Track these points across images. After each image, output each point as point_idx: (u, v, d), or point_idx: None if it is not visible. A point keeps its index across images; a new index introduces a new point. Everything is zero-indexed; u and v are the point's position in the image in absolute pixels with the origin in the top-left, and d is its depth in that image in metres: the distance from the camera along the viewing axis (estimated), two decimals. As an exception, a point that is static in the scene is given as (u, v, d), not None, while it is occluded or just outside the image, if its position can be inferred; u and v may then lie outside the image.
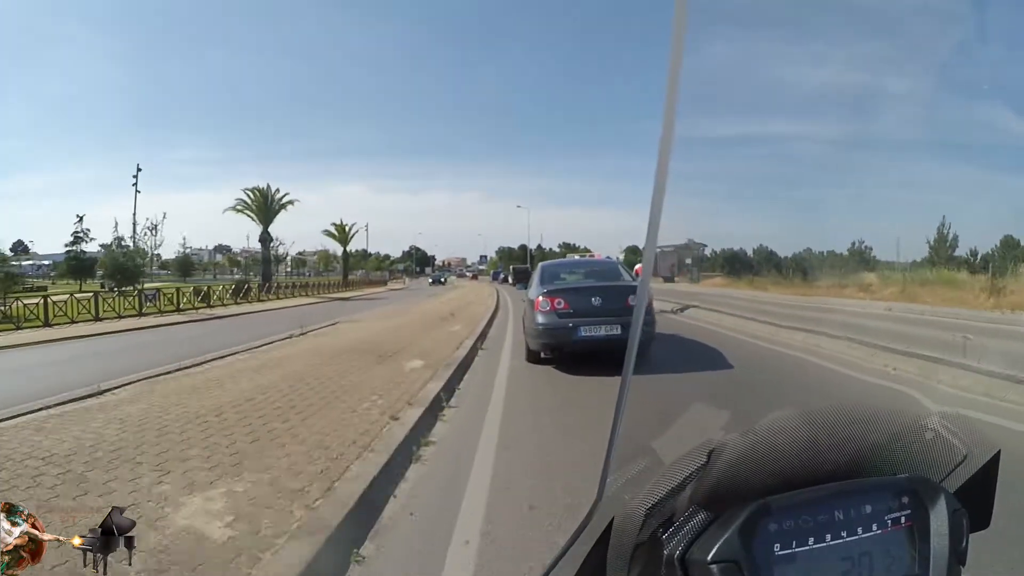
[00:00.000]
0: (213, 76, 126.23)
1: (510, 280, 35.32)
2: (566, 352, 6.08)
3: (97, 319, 15.09)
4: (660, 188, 0.52)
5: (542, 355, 6.23)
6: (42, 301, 14.47)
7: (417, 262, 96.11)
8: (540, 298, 6.15)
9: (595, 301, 6.05)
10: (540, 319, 6.07)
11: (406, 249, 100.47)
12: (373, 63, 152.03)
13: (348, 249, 60.19)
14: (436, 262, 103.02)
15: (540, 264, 7.95)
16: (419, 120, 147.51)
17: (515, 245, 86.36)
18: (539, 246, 79.56)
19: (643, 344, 6.12)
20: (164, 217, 50.20)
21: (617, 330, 5.82)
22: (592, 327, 5.87)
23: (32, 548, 0.86)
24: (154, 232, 43.62)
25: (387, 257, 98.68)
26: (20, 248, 74.93)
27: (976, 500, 0.59)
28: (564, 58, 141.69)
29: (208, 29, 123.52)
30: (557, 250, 79.70)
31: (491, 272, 66.24)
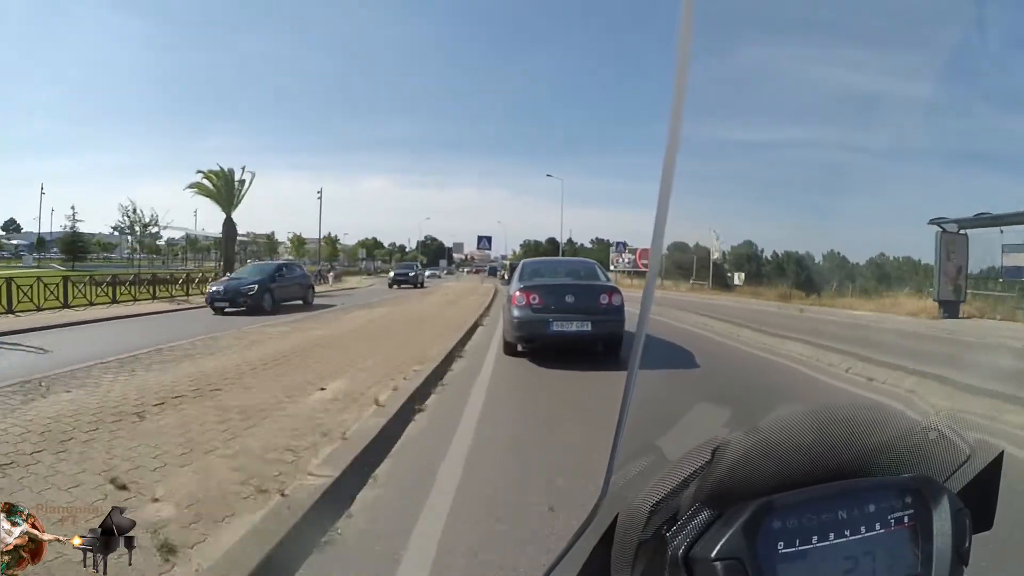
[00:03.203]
0: (242, 66, 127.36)
1: (506, 277, 32.67)
2: (539, 345, 6.36)
3: None
4: (666, 189, 0.52)
5: (518, 347, 6.50)
6: None
7: (431, 255, 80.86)
8: (517, 293, 6.42)
9: (569, 299, 6.29)
10: (516, 313, 6.33)
11: (421, 239, 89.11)
12: (402, 58, 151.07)
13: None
14: (455, 255, 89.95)
15: (522, 261, 8.28)
16: (447, 116, 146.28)
17: (543, 239, 77.28)
18: (569, 240, 73.12)
19: (610, 337, 6.22)
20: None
21: (588, 326, 6.08)
22: (564, 322, 6.12)
23: (32, 548, 0.86)
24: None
25: (402, 248, 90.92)
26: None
27: (979, 500, 0.59)
28: (594, 56, 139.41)
29: (239, 19, 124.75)
30: (589, 245, 75.21)
31: (488, 267, 61.91)
